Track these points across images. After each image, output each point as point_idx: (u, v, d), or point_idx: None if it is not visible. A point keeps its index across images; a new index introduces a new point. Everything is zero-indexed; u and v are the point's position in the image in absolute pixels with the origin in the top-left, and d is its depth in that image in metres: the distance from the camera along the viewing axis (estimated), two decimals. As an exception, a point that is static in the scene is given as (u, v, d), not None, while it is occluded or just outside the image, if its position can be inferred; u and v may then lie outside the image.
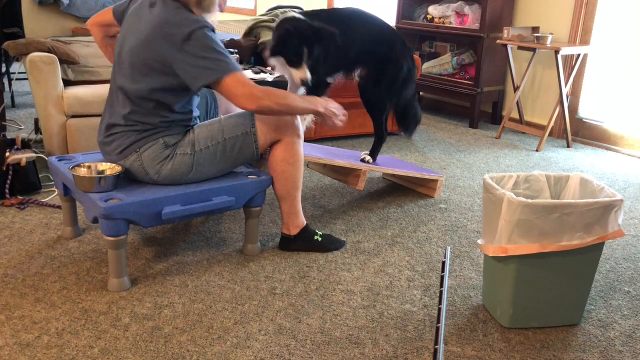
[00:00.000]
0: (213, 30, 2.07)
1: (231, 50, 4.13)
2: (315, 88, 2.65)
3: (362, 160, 2.93)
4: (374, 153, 3.02)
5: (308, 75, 2.43)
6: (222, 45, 2.06)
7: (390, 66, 2.86)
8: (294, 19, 2.51)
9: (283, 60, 2.47)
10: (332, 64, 2.70)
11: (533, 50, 4.33)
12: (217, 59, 2.02)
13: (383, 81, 2.87)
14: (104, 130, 2.22)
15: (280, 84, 3.53)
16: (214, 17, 2.13)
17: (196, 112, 2.30)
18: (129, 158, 2.17)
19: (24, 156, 2.88)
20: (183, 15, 2.04)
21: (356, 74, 2.87)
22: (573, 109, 4.47)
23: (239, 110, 2.34)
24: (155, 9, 2.09)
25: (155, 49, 2.04)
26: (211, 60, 2.01)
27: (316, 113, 2.27)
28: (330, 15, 2.82)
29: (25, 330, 1.86)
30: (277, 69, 2.60)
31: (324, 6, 6.59)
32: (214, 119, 2.33)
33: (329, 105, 2.27)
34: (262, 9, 6.47)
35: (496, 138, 4.46)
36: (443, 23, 4.96)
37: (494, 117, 4.95)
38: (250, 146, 2.25)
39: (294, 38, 2.42)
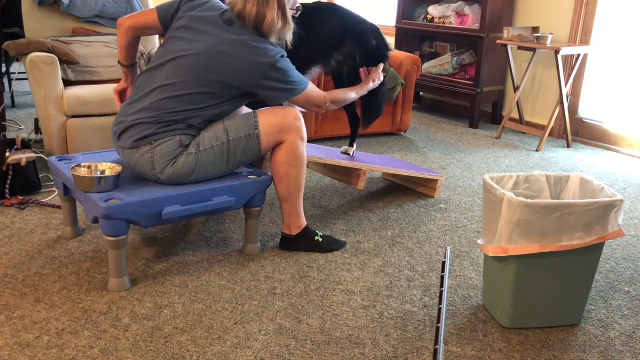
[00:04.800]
0: (287, 55, 2.24)
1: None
2: None
3: (345, 153, 2.96)
4: (352, 142, 3.06)
5: None
6: (294, 67, 2.24)
7: (367, 54, 2.79)
8: None
9: None
10: (303, 55, 2.68)
11: (533, 50, 4.33)
12: (293, 81, 2.22)
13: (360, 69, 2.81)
14: (122, 120, 2.19)
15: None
16: (290, 34, 2.28)
17: None
18: (141, 149, 2.15)
19: (24, 156, 2.88)
20: (265, 44, 2.18)
21: (333, 62, 2.81)
22: (573, 109, 4.48)
23: (243, 112, 2.35)
24: (235, 30, 2.17)
25: (236, 69, 2.15)
26: (289, 83, 2.21)
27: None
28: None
29: (25, 330, 1.86)
30: None
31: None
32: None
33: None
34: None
35: (496, 138, 4.47)
36: (443, 23, 4.96)
37: (494, 117, 4.95)
38: (253, 148, 2.25)
39: None
